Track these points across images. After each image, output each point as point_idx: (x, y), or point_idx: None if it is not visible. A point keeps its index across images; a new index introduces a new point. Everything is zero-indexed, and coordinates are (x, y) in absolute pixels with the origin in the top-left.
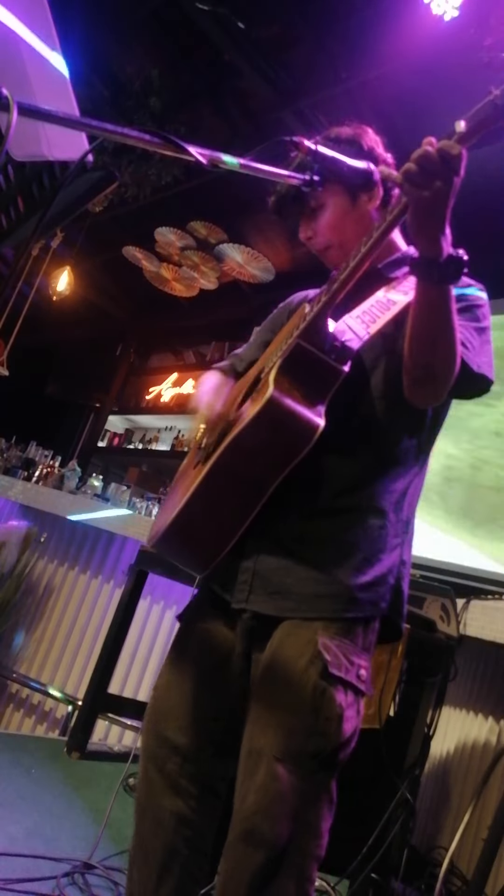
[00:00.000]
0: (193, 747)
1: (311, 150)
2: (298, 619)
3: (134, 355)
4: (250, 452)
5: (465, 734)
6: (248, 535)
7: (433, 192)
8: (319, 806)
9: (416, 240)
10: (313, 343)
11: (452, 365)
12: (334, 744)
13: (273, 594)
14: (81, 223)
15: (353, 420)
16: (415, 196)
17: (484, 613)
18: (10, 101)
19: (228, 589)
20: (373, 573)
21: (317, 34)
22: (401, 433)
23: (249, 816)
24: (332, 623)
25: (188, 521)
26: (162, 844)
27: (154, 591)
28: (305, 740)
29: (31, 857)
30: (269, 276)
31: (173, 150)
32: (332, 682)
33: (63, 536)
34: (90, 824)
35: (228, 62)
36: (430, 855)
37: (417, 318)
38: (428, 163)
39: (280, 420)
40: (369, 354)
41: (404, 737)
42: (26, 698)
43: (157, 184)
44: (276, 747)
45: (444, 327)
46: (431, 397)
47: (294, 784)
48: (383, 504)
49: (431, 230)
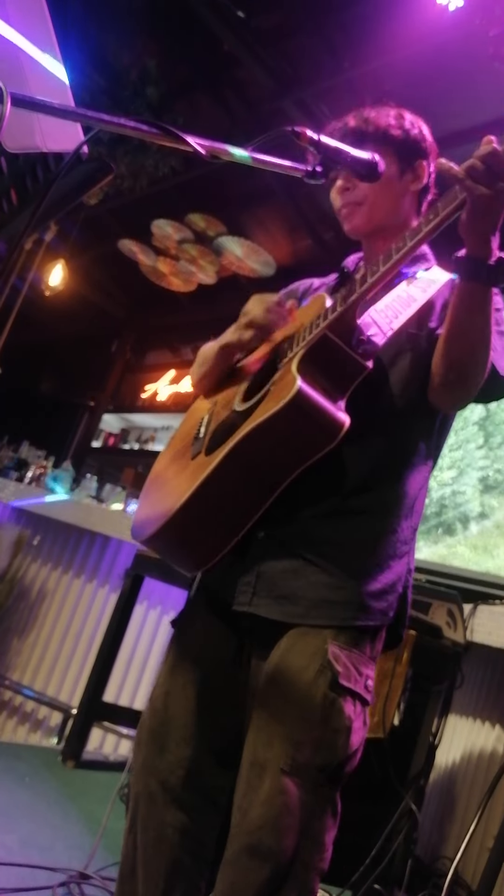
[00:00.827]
0: (196, 758)
1: (313, 140)
2: (307, 626)
3: (130, 352)
4: (268, 447)
5: (472, 743)
6: (251, 533)
7: (496, 192)
8: (324, 819)
9: (468, 238)
10: (341, 336)
11: (484, 369)
12: (342, 756)
13: (279, 598)
14: (76, 216)
15: (366, 418)
16: (476, 194)
17: (492, 619)
18: (4, 92)
19: (229, 590)
20: (384, 580)
21: (318, 23)
22: (413, 435)
23: (254, 830)
24: (342, 632)
25: (188, 517)
26: (167, 861)
27: (150, 595)
28: (313, 753)
29: (27, 866)
30: (269, 271)
31: (171, 140)
32: (342, 694)
33: (57, 539)
34: (86, 834)
35: (227, 52)
36: (434, 865)
37: (457, 319)
38: (495, 161)
39: (306, 414)
40: (388, 352)
41: (409, 746)
42: (20, 706)
43: (154, 175)
44: (282, 760)
45: (482, 330)
46: (459, 400)
47: (300, 797)
48: (394, 509)
49: (485, 230)
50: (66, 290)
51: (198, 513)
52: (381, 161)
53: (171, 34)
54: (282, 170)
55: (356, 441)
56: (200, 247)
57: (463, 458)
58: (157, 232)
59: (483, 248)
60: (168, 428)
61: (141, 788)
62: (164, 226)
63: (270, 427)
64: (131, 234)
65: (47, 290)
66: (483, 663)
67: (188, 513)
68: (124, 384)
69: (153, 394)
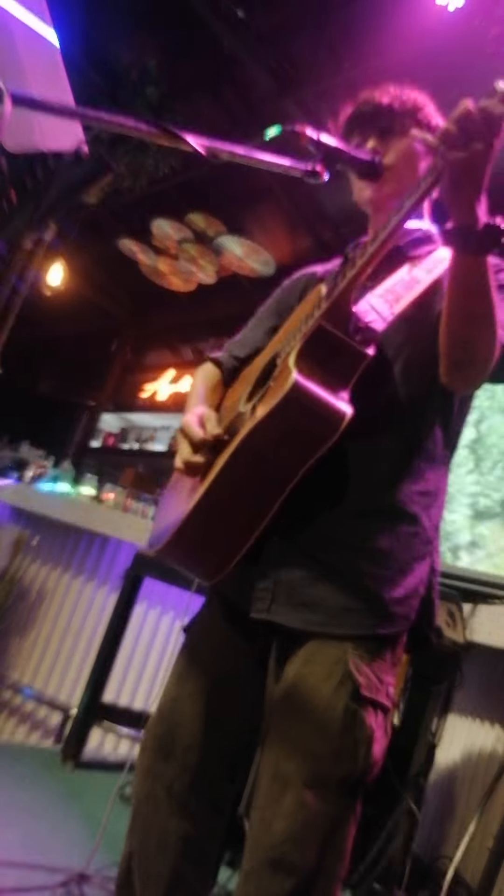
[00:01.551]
0: (202, 766)
1: (313, 139)
2: (326, 634)
3: (129, 352)
4: (271, 444)
5: (471, 742)
6: (267, 538)
7: (472, 154)
8: (346, 830)
9: (452, 208)
10: (337, 325)
11: (492, 344)
12: (364, 768)
13: (299, 606)
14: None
15: (376, 410)
16: (452, 159)
17: (491, 619)
18: (3, 91)
19: (245, 597)
20: (406, 585)
21: (318, 23)
22: (427, 425)
23: (277, 845)
24: (364, 641)
25: (200, 522)
26: (168, 869)
27: (150, 596)
28: (335, 765)
29: (26, 866)
30: (269, 270)
31: (171, 139)
32: (363, 705)
33: (56, 540)
34: (85, 834)
35: (228, 51)
36: (434, 865)
37: (453, 292)
38: (469, 123)
39: (304, 408)
40: (393, 338)
41: (409, 745)
42: (19, 706)
43: (153, 174)
44: (304, 773)
45: (481, 302)
46: (472, 380)
47: (323, 810)
48: (414, 507)
49: (468, 197)
50: (66, 289)
51: (208, 518)
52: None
53: (172, 34)
54: (282, 169)
55: (368, 436)
56: (200, 246)
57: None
58: (156, 231)
59: (468, 216)
60: (168, 428)
61: (145, 793)
62: (163, 225)
63: (271, 423)
64: (131, 233)
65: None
66: (483, 663)
67: (198, 519)
68: (124, 384)
69: (153, 393)
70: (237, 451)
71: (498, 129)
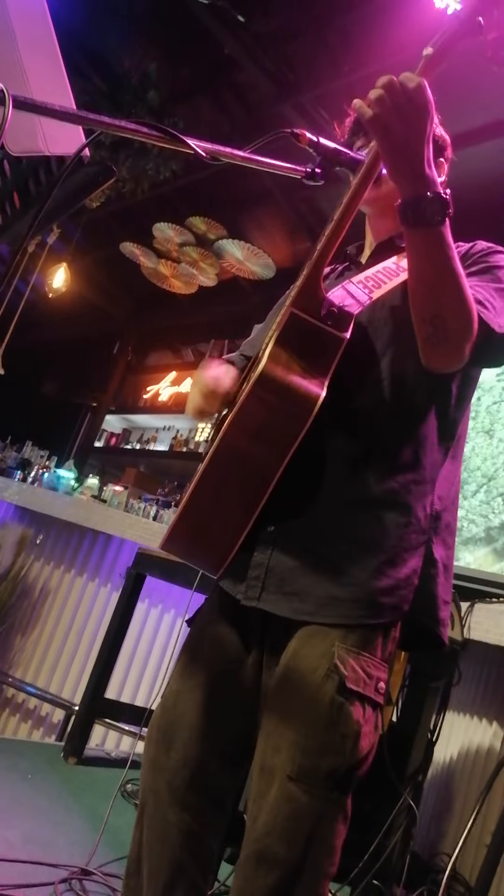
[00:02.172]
0: (203, 760)
1: (312, 141)
2: (315, 624)
3: (131, 353)
4: (251, 432)
5: (469, 739)
6: (259, 527)
7: (402, 124)
8: (334, 825)
9: (394, 182)
10: (307, 310)
11: (463, 318)
12: (350, 762)
13: (289, 594)
14: (78, 219)
15: (365, 398)
16: (381, 131)
17: (489, 617)
18: (6, 95)
19: (238, 585)
20: (396, 575)
21: (317, 27)
22: (420, 412)
23: (261, 837)
24: (351, 632)
25: (194, 515)
26: (168, 860)
27: (152, 594)
28: (320, 758)
29: (29, 862)
30: (269, 273)
31: (172, 142)
32: (350, 698)
33: (59, 538)
34: (88, 830)
35: (228, 56)
36: (432, 861)
37: (412, 267)
38: (390, 91)
39: (275, 394)
40: (380, 328)
41: (407, 743)
42: (22, 703)
43: (155, 179)
44: (289, 766)
45: (442, 274)
46: (449, 358)
47: (308, 804)
48: (406, 496)
49: (406, 169)
50: (69, 292)
51: (201, 510)
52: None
53: (172, 38)
54: (281, 171)
55: (357, 425)
56: (201, 249)
57: None
58: (158, 235)
59: (411, 188)
60: (169, 428)
61: (148, 785)
62: (165, 229)
63: (247, 411)
64: (133, 236)
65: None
66: (480, 660)
67: (193, 510)
68: (126, 385)
69: (155, 394)
70: (220, 442)
71: (409, 100)
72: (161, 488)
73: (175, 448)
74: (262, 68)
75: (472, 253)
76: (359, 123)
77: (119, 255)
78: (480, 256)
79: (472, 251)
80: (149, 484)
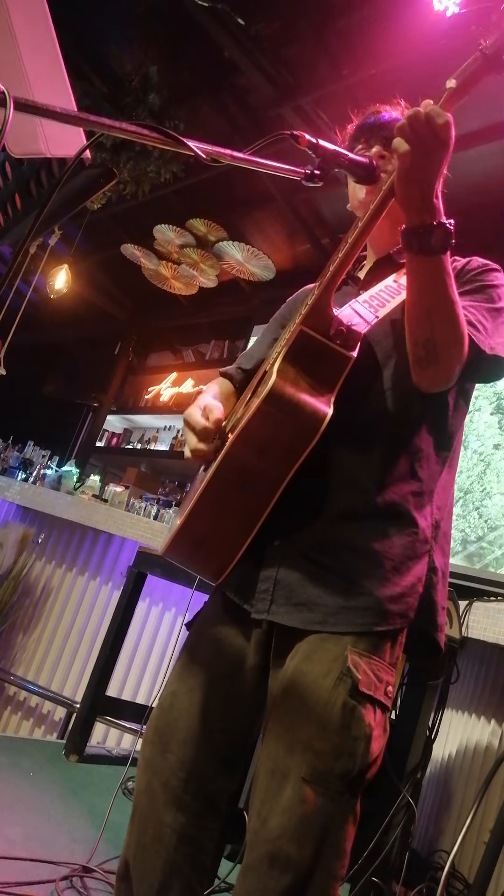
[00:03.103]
0: (199, 762)
1: (311, 143)
2: (326, 632)
3: (132, 354)
4: (256, 447)
5: (468, 737)
6: (266, 540)
7: (415, 153)
8: (345, 826)
9: (403, 208)
10: (317, 329)
11: (455, 342)
12: (362, 765)
13: (298, 605)
14: (79, 220)
15: (368, 413)
16: (401, 154)
17: (487, 615)
18: (7, 97)
19: (247, 598)
20: (402, 583)
21: (317, 30)
22: (419, 426)
23: (274, 839)
24: (362, 638)
25: (197, 524)
26: (163, 861)
27: (153, 592)
28: (333, 761)
29: (30, 860)
30: (269, 274)
31: (172, 144)
32: (362, 701)
33: (61, 537)
34: (89, 828)
35: (228, 59)
36: (431, 858)
37: (410, 291)
38: (416, 123)
39: (284, 411)
40: (382, 342)
41: (406, 740)
42: (24, 701)
43: (155, 181)
44: (303, 768)
45: (439, 300)
46: (438, 380)
47: (321, 806)
48: (408, 507)
49: (416, 197)
50: (70, 293)
51: (204, 521)
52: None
53: (173, 41)
54: (281, 173)
55: (361, 439)
56: (202, 251)
57: None
58: (158, 237)
59: (417, 217)
60: (170, 428)
61: (143, 786)
62: (165, 230)
63: (254, 427)
64: (134, 238)
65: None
66: (478, 659)
67: (195, 522)
68: (127, 385)
69: (156, 395)
70: (226, 455)
71: (434, 134)
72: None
73: (176, 448)
74: (261, 71)
75: (467, 270)
76: (360, 129)
77: (120, 257)
78: (476, 274)
79: (468, 268)
80: (150, 483)
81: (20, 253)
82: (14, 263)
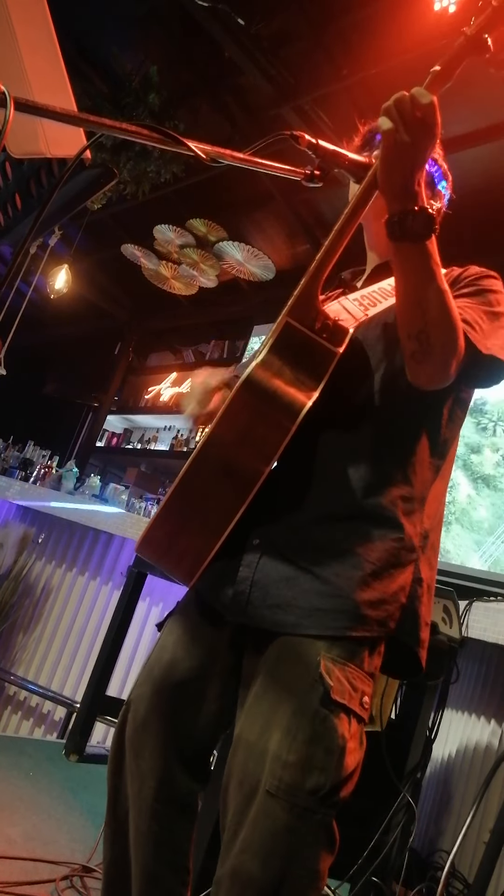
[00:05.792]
0: (167, 768)
1: (311, 143)
2: (299, 636)
3: (133, 354)
4: (234, 435)
5: (467, 737)
6: (244, 539)
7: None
8: (317, 847)
9: (384, 195)
10: (303, 321)
11: (449, 334)
12: (335, 780)
13: (272, 607)
14: (79, 221)
15: (357, 413)
16: (386, 141)
17: (487, 615)
18: (7, 97)
19: (222, 599)
20: (382, 589)
21: (317, 30)
22: (411, 430)
23: (238, 854)
24: (336, 643)
25: (170, 519)
26: (142, 869)
27: (153, 592)
28: (303, 774)
29: (30, 860)
30: (269, 275)
31: (172, 144)
32: (335, 710)
33: (61, 537)
34: (89, 827)
35: (228, 58)
36: (431, 858)
37: (397, 282)
38: (401, 105)
39: (260, 398)
40: (375, 346)
41: (406, 740)
42: (24, 700)
43: (155, 181)
44: (269, 781)
45: (427, 289)
46: (434, 374)
47: (288, 822)
48: (395, 512)
49: (397, 182)
50: (70, 293)
51: (177, 516)
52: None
53: (173, 41)
54: (281, 173)
55: (347, 439)
56: (201, 251)
57: None
58: (158, 237)
59: (399, 204)
60: (170, 428)
61: (123, 790)
62: (165, 231)
63: (232, 413)
64: (134, 238)
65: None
66: (478, 659)
67: (168, 515)
68: (127, 385)
69: (156, 395)
70: (202, 447)
71: (418, 115)
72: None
73: (176, 448)
74: (261, 71)
75: (464, 276)
76: (367, 138)
77: (120, 257)
78: (473, 280)
79: (465, 275)
80: (150, 483)
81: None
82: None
